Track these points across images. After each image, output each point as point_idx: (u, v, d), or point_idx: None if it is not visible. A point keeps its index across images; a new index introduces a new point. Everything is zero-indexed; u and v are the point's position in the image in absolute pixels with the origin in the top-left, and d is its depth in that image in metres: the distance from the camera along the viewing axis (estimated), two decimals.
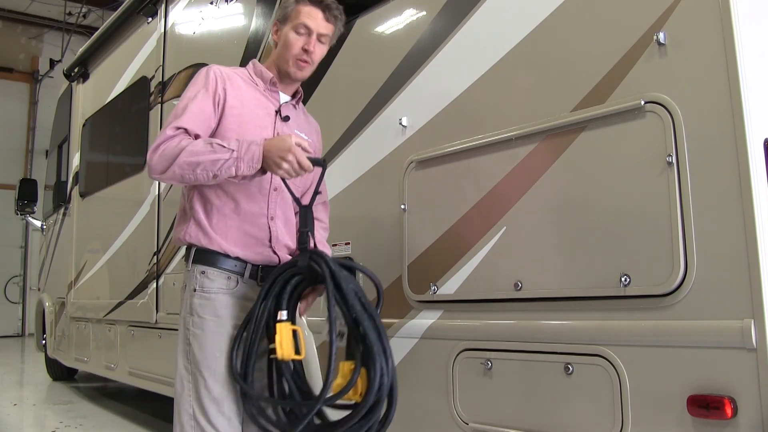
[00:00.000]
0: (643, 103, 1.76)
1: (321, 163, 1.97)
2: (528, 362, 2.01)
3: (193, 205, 2.02)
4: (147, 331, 4.34)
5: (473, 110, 2.26)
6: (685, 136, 1.69)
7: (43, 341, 7.07)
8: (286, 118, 2.12)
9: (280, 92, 2.15)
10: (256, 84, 2.11)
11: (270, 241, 2.06)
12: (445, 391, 2.24)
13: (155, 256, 4.22)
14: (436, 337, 2.29)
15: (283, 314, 1.86)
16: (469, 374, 2.17)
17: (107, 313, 4.97)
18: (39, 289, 7.56)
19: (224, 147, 1.87)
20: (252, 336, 1.88)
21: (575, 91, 1.95)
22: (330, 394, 1.75)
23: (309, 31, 2.07)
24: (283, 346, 1.82)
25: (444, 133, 2.34)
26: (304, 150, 1.88)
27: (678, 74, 1.73)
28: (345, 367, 1.79)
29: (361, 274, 1.94)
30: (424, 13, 2.48)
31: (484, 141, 2.18)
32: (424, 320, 2.33)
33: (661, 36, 1.75)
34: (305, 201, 2.02)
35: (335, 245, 2.70)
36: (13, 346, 12.26)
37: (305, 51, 2.07)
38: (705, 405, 1.59)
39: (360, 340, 1.78)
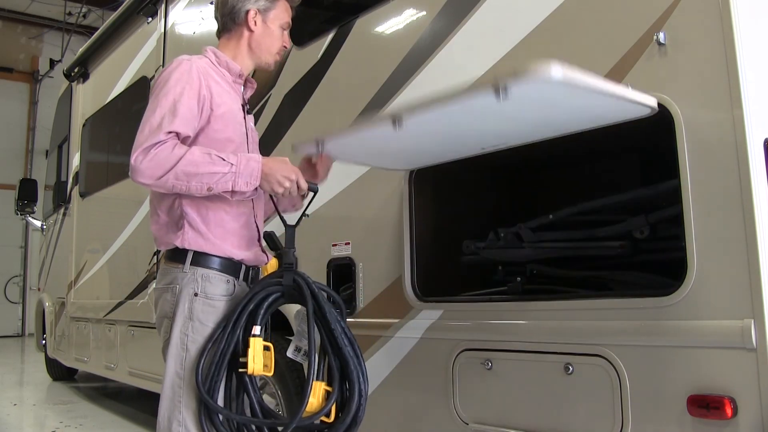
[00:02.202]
0: None
1: (315, 188, 1.99)
2: (528, 362, 2.01)
3: (185, 209, 1.92)
4: (147, 331, 4.33)
5: None
6: (685, 136, 1.69)
7: (43, 341, 7.07)
8: (249, 111, 2.12)
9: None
10: (223, 75, 2.05)
11: (258, 240, 2.07)
12: (445, 391, 2.24)
13: (155, 256, 4.22)
14: (436, 337, 2.29)
15: (256, 329, 1.84)
16: (469, 374, 2.17)
17: (107, 313, 4.97)
18: (39, 289, 7.56)
19: (223, 160, 1.81)
20: (223, 349, 1.83)
21: None
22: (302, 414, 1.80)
23: (288, 28, 2.14)
24: (255, 360, 1.80)
25: None
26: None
27: (678, 74, 1.73)
28: (319, 388, 1.83)
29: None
30: (424, 13, 2.48)
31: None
32: (424, 320, 2.33)
33: (661, 36, 1.75)
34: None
35: (335, 245, 2.70)
36: (13, 346, 12.25)
37: (284, 47, 2.15)
38: (705, 405, 1.59)
39: (339, 365, 1.85)
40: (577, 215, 2.20)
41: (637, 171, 2.44)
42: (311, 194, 1.98)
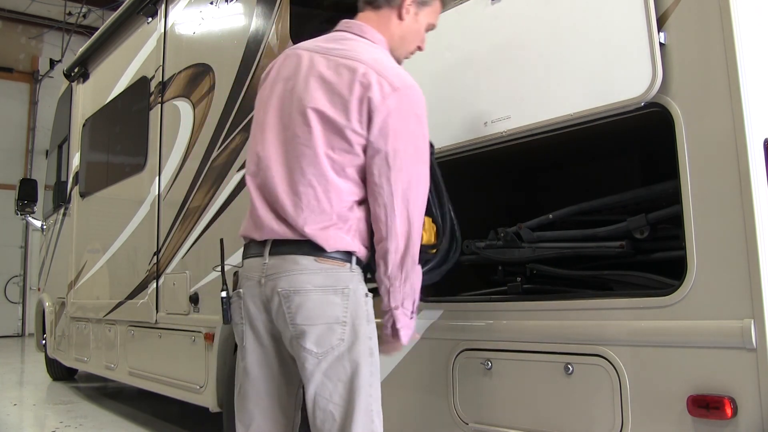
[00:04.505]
0: (643, 103, 1.76)
1: None
2: (528, 362, 2.01)
3: (363, 216, 1.78)
4: (147, 331, 4.34)
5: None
6: (685, 136, 1.69)
7: (43, 341, 7.07)
8: None
9: None
10: None
11: None
12: (445, 391, 2.24)
13: (155, 256, 4.22)
14: (436, 337, 2.29)
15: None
16: (469, 374, 2.17)
17: (107, 313, 4.97)
18: (39, 289, 7.56)
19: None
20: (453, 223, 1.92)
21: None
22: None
23: (431, 30, 2.00)
24: (427, 230, 1.87)
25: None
26: None
27: (678, 74, 1.73)
28: (428, 223, 1.90)
29: None
30: None
31: (484, 137, 2.18)
32: (424, 320, 2.33)
33: (662, 36, 1.75)
34: None
35: None
36: (13, 346, 12.25)
37: (419, 48, 1.99)
38: (705, 405, 1.59)
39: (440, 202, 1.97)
40: (577, 215, 2.20)
41: (637, 171, 2.44)
42: None
